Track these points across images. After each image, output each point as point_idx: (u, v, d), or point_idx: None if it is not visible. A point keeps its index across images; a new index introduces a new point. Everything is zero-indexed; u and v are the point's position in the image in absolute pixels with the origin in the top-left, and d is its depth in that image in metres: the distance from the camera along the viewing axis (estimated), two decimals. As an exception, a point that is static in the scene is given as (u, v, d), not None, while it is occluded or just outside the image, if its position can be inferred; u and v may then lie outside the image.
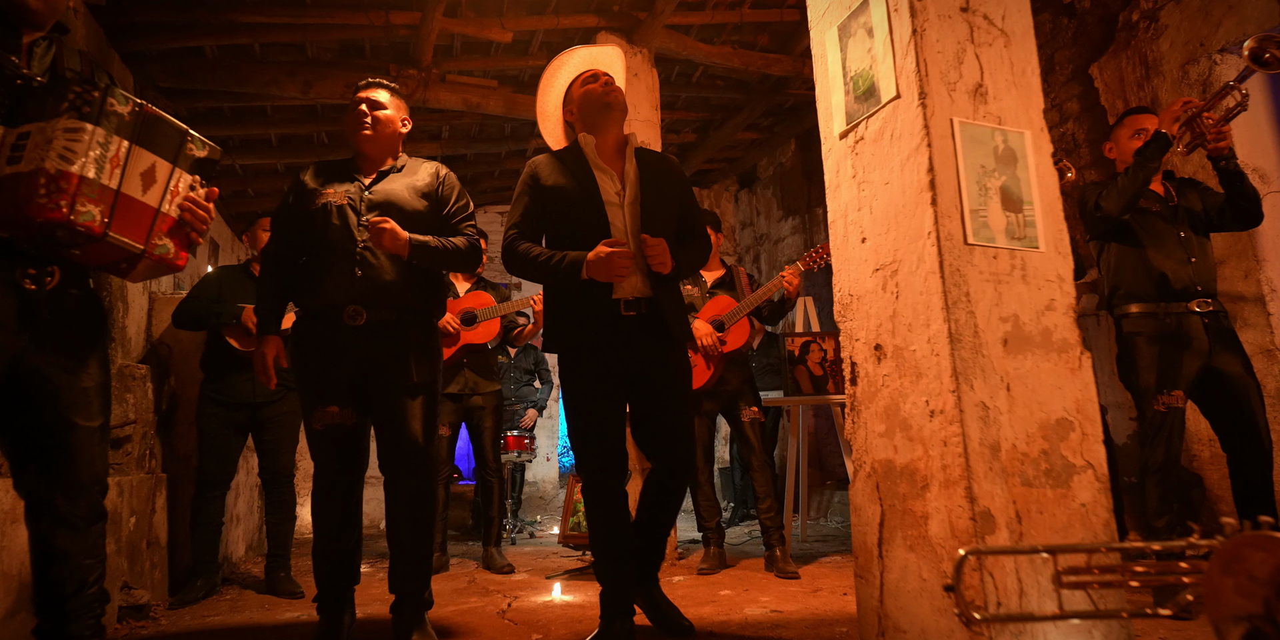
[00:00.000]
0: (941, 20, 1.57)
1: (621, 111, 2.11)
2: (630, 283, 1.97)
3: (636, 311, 1.97)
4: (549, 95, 2.21)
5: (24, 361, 1.35)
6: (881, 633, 1.56)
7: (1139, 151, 2.40)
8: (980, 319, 1.45)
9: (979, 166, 1.52)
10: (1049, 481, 1.43)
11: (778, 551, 3.19)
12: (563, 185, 2.03)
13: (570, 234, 2.01)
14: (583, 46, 2.23)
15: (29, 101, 1.26)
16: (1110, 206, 2.45)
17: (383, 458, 2.02)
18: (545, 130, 2.25)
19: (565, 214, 2.03)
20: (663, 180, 2.12)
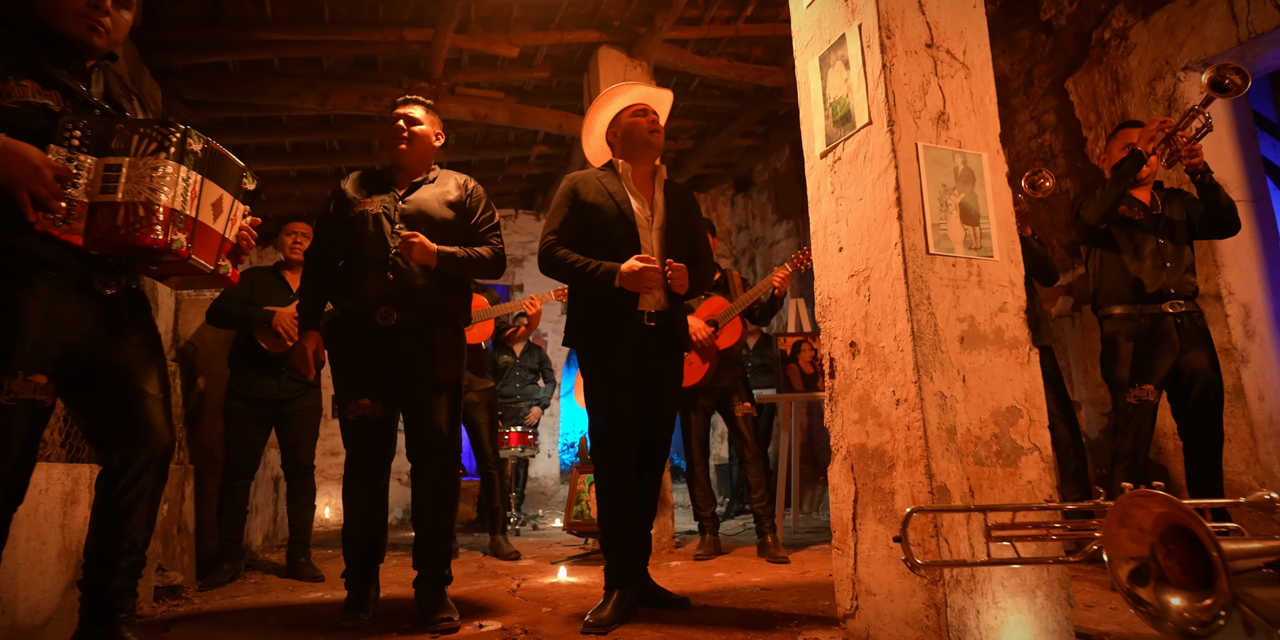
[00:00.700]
0: (908, 55, 1.78)
1: (659, 150, 2.35)
2: (654, 297, 2.25)
3: (656, 323, 2.25)
4: (599, 115, 2.42)
5: (102, 351, 1.54)
6: (855, 596, 1.76)
7: (1115, 167, 2.61)
8: (940, 319, 1.66)
9: (940, 185, 1.73)
10: (999, 461, 1.63)
11: (769, 538, 3.39)
12: (601, 203, 2.27)
13: (603, 247, 2.24)
14: (642, 84, 2.46)
15: (113, 135, 1.45)
16: (1089, 216, 2.66)
17: (410, 446, 2.23)
18: (587, 142, 2.48)
19: (600, 228, 2.26)
20: (683, 211, 2.39)
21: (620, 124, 2.36)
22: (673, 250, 2.30)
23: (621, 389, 2.22)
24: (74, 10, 1.50)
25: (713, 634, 1.94)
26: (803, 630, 1.94)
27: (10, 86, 1.41)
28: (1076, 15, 3.90)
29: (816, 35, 2.00)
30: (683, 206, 2.40)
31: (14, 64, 1.45)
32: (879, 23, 1.77)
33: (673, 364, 2.35)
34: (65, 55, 1.54)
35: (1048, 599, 1.60)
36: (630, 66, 4.34)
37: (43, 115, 1.42)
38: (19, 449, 1.43)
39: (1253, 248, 3.29)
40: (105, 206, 1.40)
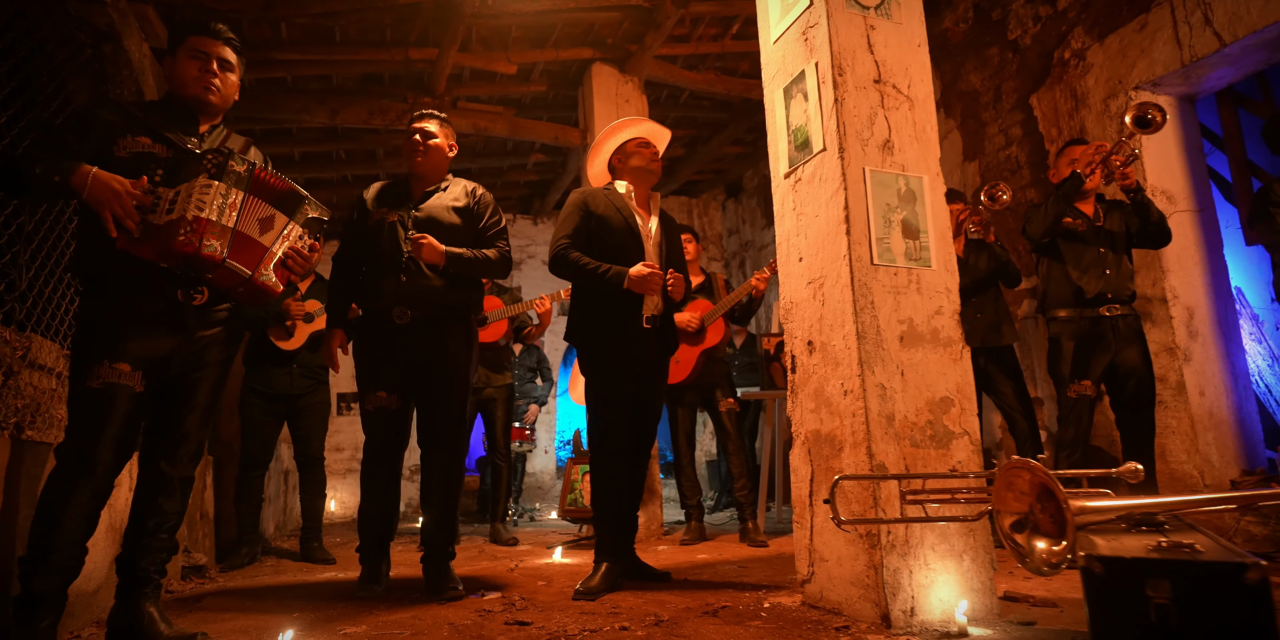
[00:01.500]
0: (858, 90, 2.03)
1: (656, 177, 2.67)
2: (653, 302, 2.53)
3: (653, 325, 2.53)
4: (609, 142, 2.71)
5: (177, 355, 1.79)
6: (811, 564, 2.01)
7: (1057, 186, 2.87)
8: (882, 321, 1.91)
9: (885, 204, 1.98)
10: (933, 444, 1.88)
11: (750, 524, 3.64)
12: (609, 216, 2.55)
13: (611, 253, 2.51)
14: (649, 121, 2.75)
15: (183, 167, 1.71)
16: (1033, 231, 2.92)
17: (421, 433, 2.47)
18: (592, 164, 2.77)
19: (609, 238, 2.53)
20: (673, 238, 2.71)
21: (625, 152, 2.65)
22: (666, 267, 2.60)
23: (620, 384, 2.49)
24: (191, 78, 1.89)
25: (688, 598, 2.19)
26: (769, 596, 2.19)
27: (126, 142, 1.77)
28: (1040, 35, 4.15)
29: (781, 69, 2.25)
30: (671, 232, 2.72)
31: (131, 125, 1.81)
32: (833, 62, 2.03)
33: (663, 363, 2.65)
34: (185, 116, 1.92)
35: (973, 563, 1.85)
36: (622, 82, 4.59)
37: (150, 161, 1.75)
38: (115, 426, 1.68)
39: (1197, 254, 3.54)
40: (167, 225, 1.65)
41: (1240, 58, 3.32)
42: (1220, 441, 3.34)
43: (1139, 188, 2.78)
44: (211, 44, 1.92)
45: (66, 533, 1.64)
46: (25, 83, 2.42)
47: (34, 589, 1.61)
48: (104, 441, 1.67)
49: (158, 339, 1.75)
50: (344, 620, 2.05)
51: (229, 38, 1.96)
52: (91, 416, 1.67)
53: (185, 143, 1.84)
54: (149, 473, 1.83)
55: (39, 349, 2.28)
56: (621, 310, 2.47)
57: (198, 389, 1.84)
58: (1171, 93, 3.65)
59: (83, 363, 1.70)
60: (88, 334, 1.71)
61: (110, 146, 1.76)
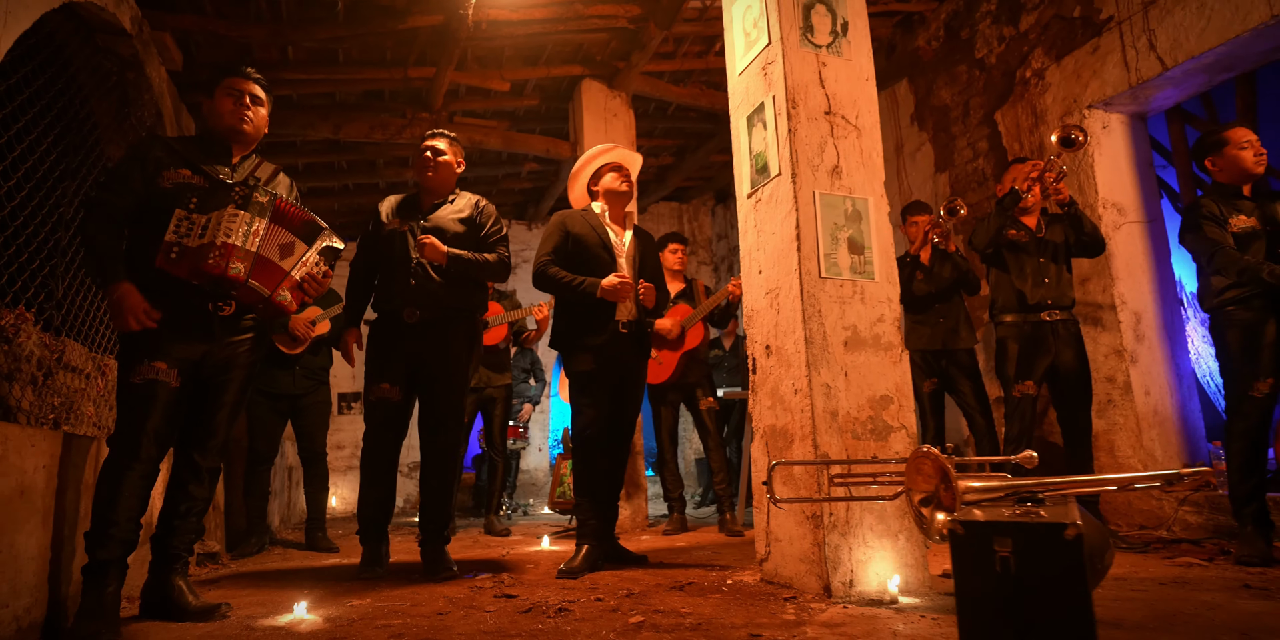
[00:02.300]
0: (810, 121, 2.28)
1: (629, 198, 2.93)
2: (626, 309, 2.77)
3: (628, 331, 2.78)
4: (586, 169, 2.99)
5: (208, 361, 2.03)
6: (768, 543, 2.25)
7: (998, 202, 3.11)
8: (828, 328, 2.15)
9: (833, 223, 2.22)
10: (872, 436, 2.13)
11: (728, 515, 3.88)
12: (585, 234, 2.81)
13: (587, 267, 2.77)
14: (622, 148, 3.01)
15: (215, 196, 1.95)
16: (977, 241, 3.17)
17: (422, 423, 2.72)
18: (572, 188, 3.05)
19: (584, 253, 2.79)
20: (647, 251, 2.96)
21: (599, 176, 2.91)
22: (639, 277, 2.85)
23: (598, 383, 2.74)
24: (227, 111, 2.15)
25: (659, 576, 2.43)
26: (733, 574, 2.43)
27: (170, 173, 2.03)
28: (1004, 55, 4.40)
29: (745, 99, 2.49)
30: (648, 248, 2.96)
31: (174, 159, 2.06)
32: (787, 95, 2.27)
33: (640, 364, 2.89)
34: (219, 149, 2.16)
35: (908, 541, 2.09)
36: (610, 97, 4.83)
37: (187, 191, 1.98)
38: (156, 418, 1.92)
39: (1145, 263, 3.79)
40: (199, 248, 1.89)
41: (1183, 80, 3.57)
42: (1164, 437, 3.59)
43: (1072, 202, 3.02)
44: (243, 83, 2.18)
45: (123, 510, 1.87)
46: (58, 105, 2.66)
47: (99, 558, 1.84)
48: (147, 431, 1.91)
49: (191, 344, 1.99)
50: (350, 595, 2.29)
51: (257, 78, 2.21)
52: (135, 410, 1.91)
53: (219, 173, 2.08)
54: (182, 462, 2.07)
55: (71, 352, 2.53)
56: (597, 317, 2.72)
57: (226, 389, 2.07)
58: (1122, 111, 3.90)
59: (127, 363, 1.94)
60: (131, 339, 1.94)
61: (157, 178, 2.02)
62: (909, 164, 5.24)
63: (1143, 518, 3.51)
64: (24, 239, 2.33)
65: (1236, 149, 2.64)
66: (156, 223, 1.96)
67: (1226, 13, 3.20)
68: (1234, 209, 2.72)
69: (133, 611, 2.09)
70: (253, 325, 2.14)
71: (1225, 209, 2.71)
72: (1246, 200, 2.74)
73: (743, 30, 2.51)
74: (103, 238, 1.93)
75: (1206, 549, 2.80)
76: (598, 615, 1.88)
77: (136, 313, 1.90)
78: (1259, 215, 2.69)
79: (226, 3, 3.42)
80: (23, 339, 2.26)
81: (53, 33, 2.62)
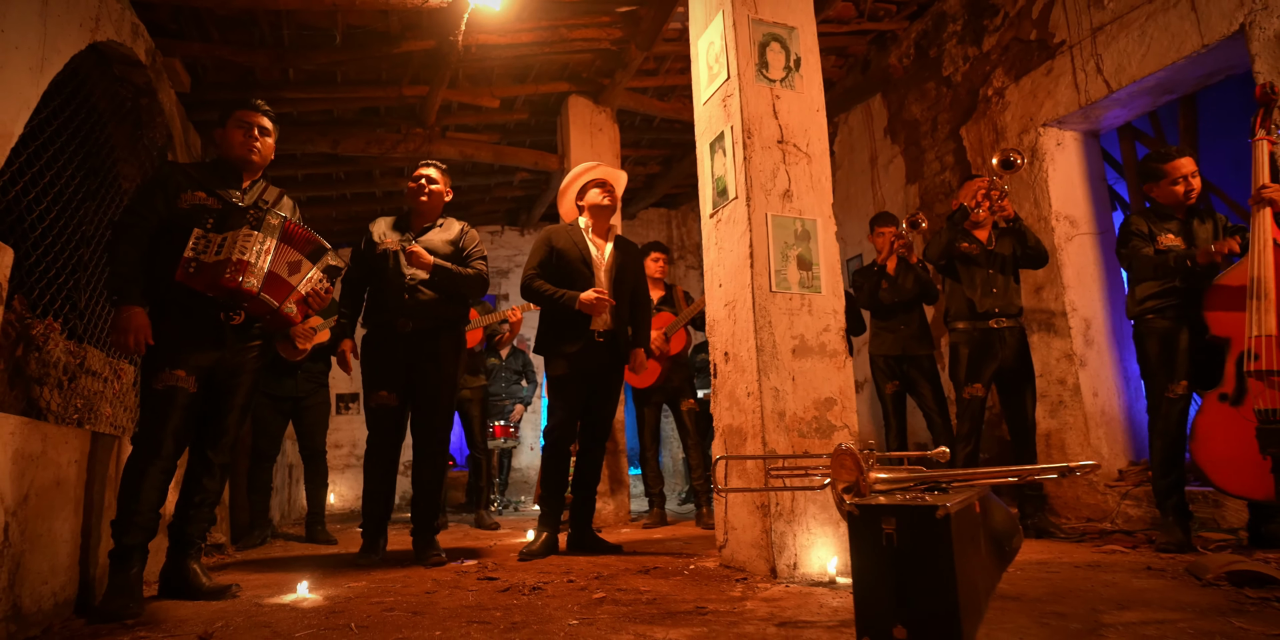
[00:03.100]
0: (764, 149, 2.51)
1: (611, 214, 3.16)
2: (603, 319, 3.01)
3: (604, 339, 3.03)
4: (575, 183, 3.24)
5: (220, 367, 2.27)
6: (726, 532, 2.49)
7: (948, 217, 3.35)
8: (778, 337, 2.39)
9: (783, 242, 2.46)
10: (817, 435, 2.37)
11: (704, 510, 4.12)
12: (567, 249, 3.06)
13: (568, 280, 3.02)
14: (606, 165, 3.26)
15: (230, 217, 2.19)
16: (930, 254, 3.41)
17: (415, 423, 2.96)
18: (561, 203, 3.30)
19: (566, 267, 3.04)
20: (627, 261, 3.19)
21: (585, 191, 3.15)
22: (618, 287, 3.09)
23: (570, 388, 2.98)
24: (238, 142, 2.37)
25: (629, 562, 2.67)
26: (696, 561, 2.67)
27: (187, 196, 2.24)
28: (969, 74, 4.64)
29: (708, 128, 2.73)
30: (626, 257, 3.19)
31: (191, 183, 2.28)
32: (744, 125, 2.51)
33: (614, 371, 3.12)
34: (231, 174, 2.39)
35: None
36: (596, 112, 5.07)
37: (204, 212, 2.22)
38: (175, 419, 2.15)
39: (1095, 272, 4.03)
40: (215, 263, 2.13)
41: (1129, 101, 3.81)
42: (1110, 436, 3.83)
43: (1016, 218, 3.26)
44: (253, 115, 2.41)
45: (145, 501, 2.11)
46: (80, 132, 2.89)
47: (125, 543, 2.08)
48: (168, 431, 2.14)
49: (205, 351, 2.22)
50: (348, 578, 2.52)
51: (265, 110, 2.44)
52: (157, 412, 2.14)
53: (231, 197, 2.31)
54: (196, 458, 2.31)
55: (91, 358, 2.76)
56: (574, 327, 2.96)
57: (236, 392, 2.31)
58: (1075, 129, 4.14)
59: (151, 370, 2.17)
60: (154, 349, 2.17)
61: (176, 200, 2.24)
62: (882, 175, 5.48)
63: (1089, 511, 3.75)
64: (51, 256, 2.56)
65: (1170, 184, 2.84)
66: (176, 240, 2.19)
67: (1164, 41, 3.44)
68: (1163, 228, 2.94)
69: (152, 592, 2.32)
70: (259, 334, 2.37)
71: (1155, 228, 2.93)
72: (1175, 220, 2.96)
73: (706, 64, 2.75)
74: (128, 259, 2.15)
75: (1136, 538, 3.04)
76: (567, 593, 2.11)
77: (136, 334, 2.11)
78: (1185, 235, 2.91)
79: (232, 30, 3.66)
80: (51, 347, 2.49)
81: (76, 67, 2.85)
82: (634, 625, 1.69)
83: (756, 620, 1.72)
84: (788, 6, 2.66)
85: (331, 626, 1.77)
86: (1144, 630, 1.52)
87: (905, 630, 1.35)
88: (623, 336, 3.12)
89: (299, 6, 3.34)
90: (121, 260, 2.15)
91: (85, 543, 2.16)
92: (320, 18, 3.61)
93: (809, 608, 1.83)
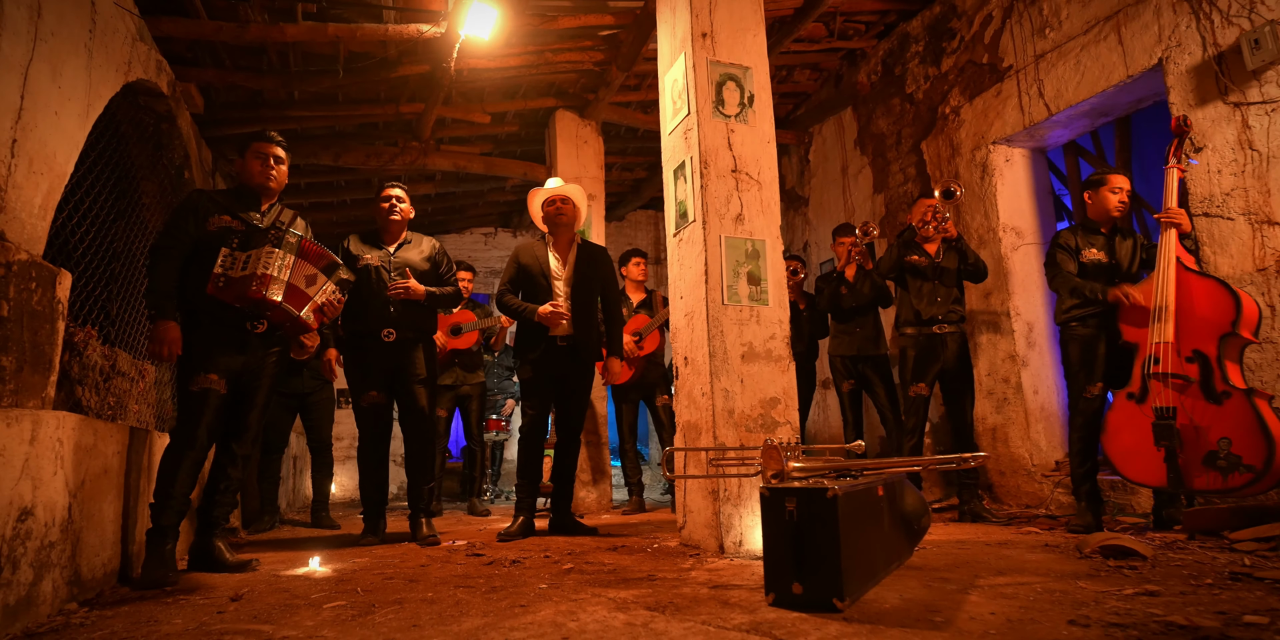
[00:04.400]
0: (719, 178, 2.85)
1: (569, 226, 3.48)
2: (563, 327, 3.34)
3: (566, 344, 3.36)
4: (535, 200, 3.60)
5: (245, 370, 2.60)
6: (685, 515, 2.84)
7: (899, 235, 3.69)
8: (729, 344, 2.73)
9: (735, 261, 2.79)
10: (762, 430, 2.71)
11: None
12: (530, 264, 3.42)
13: (532, 293, 3.38)
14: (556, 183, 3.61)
15: (253, 238, 2.52)
16: (881, 268, 3.76)
17: (402, 418, 3.29)
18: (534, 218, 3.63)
19: (530, 282, 3.40)
20: (591, 266, 3.49)
21: (545, 210, 3.47)
22: (579, 294, 3.40)
23: (536, 389, 3.36)
24: (256, 172, 2.71)
25: (601, 542, 3.01)
26: (661, 541, 3.01)
27: (214, 219, 2.57)
28: (930, 92, 4.96)
29: (672, 156, 3.06)
30: (590, 262, 3.50)
31: (217, 208, 2.61)
32: (701, 157, 2.84)
33: (579, 372, 3.44)
34: (251, 199, 2.72)
35: (788, 512, 2.67)
36: (582, 125, 5.39)
37: (230, 234, 2.55)
38: (208, 417, 2.49)
39: (1039, 280, 4.37)
40: (242, 278, 2.46)
41: (1069, 123, 4.14)
42: (1049, 431, 4.18)
43: (959, 237, 3.61)
44: (269, 147, 2.74)
45: (179, 486, 2.45)
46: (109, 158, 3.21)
47: (162, 523, 2.42)
48: (201, 426, 2.48)
49: (233, 356, 2.56)
50: (352, 555, 2.87)
51: (279, 141, 2.77)
52: (193, 410, 2.48)
53: (252, 219, 2.65)
54: (222, 450, 2.65)
55: (121, 360, 3.10)
56: (536, 335, 3.34)
57: (258, 392, 2.65)
58: (1023, 146, 4.47)
59: (187, 374, 2.51)
60: (189, 356, 2.50)
61: (204, 223, 2.57)
62: (852, 184, 5.81)
63: (1028, 498, 4.11)
64: (89, 271, 2.89)
65: (1110, 191, 3.19)
66: (205, 259, 2.52)
67: (1096, 70, 3.77)
68: (1089, 243, 3.27)
69: (181, 566, 2.67)
70: (278, 341, 2.71)
71: (1081, 242, 3.26)
72: (1101, 236, 3.29)
73: (671, 99, 3.07)
74: (165, 278, 2.48)
75: (1057, 522, 3.40)
76: (541, 565, 2.46)
77: (171, 346, 2.45)
78: (1108, 250, 3.24)
79: (243, 57, 3.97)
80: (89, 352, 2.83)
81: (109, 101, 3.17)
82: (593, 588, 2.04)
83: (696, 584, 2.06)
84: (743, 49, 2.98)
85: (340, 591, 2.12)
86: (1004, 589, 1.86)
87: (801, 587, 1.70)
88: (586, 341, 3.41)
89: (305, 38, 3.66)
90: (160, 279, 2.48)
91: (125, 523, 2.50)
92: (324, 47, 3.92)
93: (742, 575, 2.18)
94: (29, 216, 2.05)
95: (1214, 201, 3.19)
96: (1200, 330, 2.64)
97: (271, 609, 1.90)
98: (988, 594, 1.82)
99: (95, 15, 2.51)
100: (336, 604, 1.93)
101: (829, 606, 1.65)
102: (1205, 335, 2.62)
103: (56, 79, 2.20)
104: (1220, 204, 3.17)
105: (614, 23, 4.26)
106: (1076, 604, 1.67)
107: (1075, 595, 1.76)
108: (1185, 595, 1.72)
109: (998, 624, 1.51)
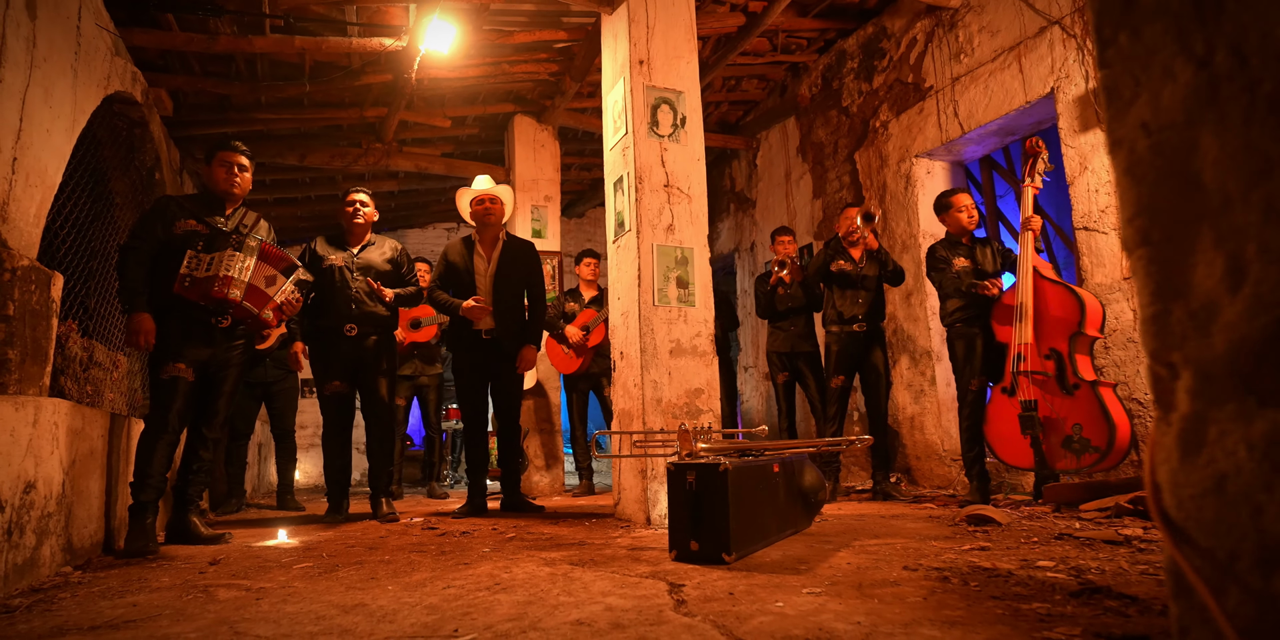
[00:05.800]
0: (652, 192, 3.18)
1: (495, 225, 3.78)
2: (486, 321, 3.64)
3: (490, 338, 3.67)
4: (463, 199, 3.86)
5: (212, 361, 2.86)
6: (619, 492, 3.19)
7: (826, 244, 4.06)
8: (658, 341, 3.07)
9: (666, 267, 3.13)
10: (687, 417, 3.06)
11: (624, 481, 4.82)
12: (457, 261, 3.72)
13: (459, 288, 3.69)
14: (490, 181, 3.86)
15: (216, 241, 2.77)
16: (809, 274, 4.13)
17: (364, 406, 3.58)
18: (461, 212, 3.91)
19: (456, 278, 3.70)
20: (515, 262, 3.79)
21: (474, 209, 3.78)
22: (503, 289, 3.70)
23: (477, 380, 3.70)
24: (221, 179, 2.94)
25: (545, 518, 3.35)
26: (598, 516, 3.36)
27: (181, 223, 2.81)
28: (863, 106, 5.35)
29: (612, 170, 3.38)
30: (515, 258, 3.78)
31: (183, 213, 2.84)
32: (637, 173, 3.17)
33: (506, 365, 3.73)
34: (216, 204, 2.94)
35: (709, 489, 3.03)
36: (539, 130, 5.68)
37: (195, 237, 2.79)
38: (178, 403, 2.75)
39: (954, 282, 4.79)
40: (206, 278, 2.72)
41: (980, 140, 4.56)
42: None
43: (880, 248, 4.00)
44: (233, 155, 2.98)
45: (156, 466, 2.71)
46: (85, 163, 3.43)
47: (141, 500, 2.68)
48: (173, 412, 2.74)
49: (200, 348, 2.82)
50: (318, 530, 3.16)
51: (244, 150, 3.01)
52: (164, 396, 2.74)
53: (217, 223, 2.89)
54: (194, 434, 2.92)
55: (98, 351, 3.33)
56: (464, 329, 3.67)
57: (225, 381, 2.92)
58: (942, 160, 4.88)
59: (158, 363, 2.77)
60: (159, 347, 2.76)
61: (171, 226, 2.81)
62: (795, 189, 6.19)
63: (939, 480, 4.55)
64: (70, 270, 3.12)
65: (956, 212, 3.62)
66: (172, 260, 2.77)
67: (1000, 94, 4.18)
68: (956, 253, 3.69)
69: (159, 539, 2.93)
70: (242, 334, 2.98)
71: (949, 253, 3.69)
72: (964, 246, 3.71)
73: (612, 118, 3.39)
74: (134, 275, 2.73)
75: (955, 499, 3.82)
76: (488, 535, 2.79)
77: (145, 335, 2.71)
78: (971, 258, 3.66)
79: (212, 65, 4.18)
80: (70, 344, 3.06)
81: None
82: (530, 551, 2.37)
83: (617, 546, 2.41)
84: (677, 75, 3.31)
85: (307, 557, 2.42)
86: (870, 548, 2.24)
87: (697, 544, 2.05)
88: (509, 334, 3.70)
89: (272, 50, 3.89)
90: (130, 276, 2.72)
91: (108, 500, 2.76)
92: (290, 57, 4.15)
93: (661, 542, 2.53)
94: (26, 225, 2.30)
95: (1092, 217, 3.62)
96: (1054, 331, 3.05)
97: (248, 569, 2.20)
98: (855, 551, 2.19)
99: (80, 37, 2.73)
100: (304, 565, 2.23)
101: (719, 560, 2.01)
102: (1058, 335, 3.04)
103: (48, 100, 2.44)
104: (1097, 220, 3.60)
105: (567, 38, 4.55)
106: (918, 556, 2.05)
107: (922, 550, 2.15)
108: (1010, 550, 2.12)
109: (848, 570, 1.88)
